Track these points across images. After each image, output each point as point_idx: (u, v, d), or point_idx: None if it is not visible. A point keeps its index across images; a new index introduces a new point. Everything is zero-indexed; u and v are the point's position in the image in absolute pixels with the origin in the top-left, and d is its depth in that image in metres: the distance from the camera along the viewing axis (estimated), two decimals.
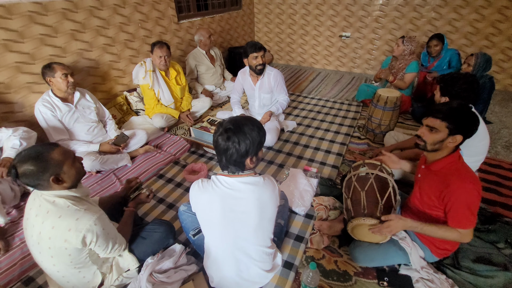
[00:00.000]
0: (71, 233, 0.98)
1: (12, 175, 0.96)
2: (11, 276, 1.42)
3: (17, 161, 0.97)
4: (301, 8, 4.42)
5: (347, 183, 1.52)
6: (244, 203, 1.06)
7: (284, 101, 2.56)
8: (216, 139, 1.04)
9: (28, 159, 0.96)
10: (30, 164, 0.96)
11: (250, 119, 1.07)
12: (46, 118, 1.95)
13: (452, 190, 1.13)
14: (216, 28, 4.02)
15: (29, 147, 1.02)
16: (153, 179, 2.12)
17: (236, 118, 1.06)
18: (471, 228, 1.14)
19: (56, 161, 1.00)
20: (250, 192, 1.06)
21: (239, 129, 1.01)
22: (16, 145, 1.58)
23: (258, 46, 2.26)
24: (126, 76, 2.86)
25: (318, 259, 1.48)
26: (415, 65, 2.78)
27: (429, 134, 1.21)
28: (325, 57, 4.66)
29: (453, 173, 1.16)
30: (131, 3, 2.70)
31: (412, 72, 2.79)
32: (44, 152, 0.99)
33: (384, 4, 3.85)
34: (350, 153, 2.40)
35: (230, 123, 1.02)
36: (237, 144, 0.99)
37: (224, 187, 1.06)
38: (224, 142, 1.00)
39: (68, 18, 2.23)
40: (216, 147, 1.05)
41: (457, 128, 1.14)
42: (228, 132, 1.00)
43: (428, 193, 1.25)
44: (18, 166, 0.96)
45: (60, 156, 1.02)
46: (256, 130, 1.03)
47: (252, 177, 1.09)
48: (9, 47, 1.93)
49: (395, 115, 2.41)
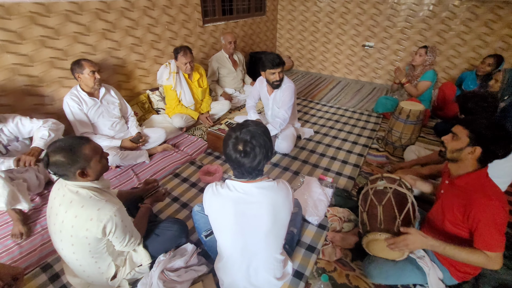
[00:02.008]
0: (93, 222, 1.02)
1: (43, 162, 1.02)
2: (31, 261, 1.48)
3: (51, 150, 1.02)
4: (325, 16, 4.41)
5: (364, 196, 1.48)
6: (257, 207, 1.05)
7: (281, 118, 2.32)
8: (230, 150, 1.01)
9: (61, 151, 1.01)
10: (61, 155, 1.01)
11: (261, 126, 1.06)
12: (73, 111, 2.04)
13: (477, 207, 1.07)
14: (239, 32, 4.09)
15: (64, 139, 1.07)
16: (169, 178, 2.16)
17: (249, 127, 1.03)
18: (500, 252, 1.05)
19: (86, 156, 1.05)
20: (263, 196, 1.05)
21: (256, 141, 0.99)
22: (45, 136, 1.67)
23: (276, 62, 2.14)
24: (150, 75, 2.95)
25: (329, 271, 1.45)
26: (431, 74, 2.71)
27: (450, 140, 1.21)
28: (347, 66, 4.61)
29: (478, 189, 1.11)
30: (160, 5, 2.80)
31: (426, 81, 2.73)
32: (76, 146, 1.04)
33: (411, 16, 3.77)
34: (368, 165, 2.35)
35: (246, 134, 1.00)
36: (253, 158, 0.99)
37: (237, 192, 1.06)
38: (239, 155, 0.99)
39: (100, 18, 2.34)
40: (229, 157, 1.02)
41: (478, 139, 1.11)
42: (246, 146, 0.98)
43: (451, 209, 1.19)
44: (51, 155, 1.01)
45: (90, 152, 1.06)
46: (268, 137, 1.04)
47: (266, 181, 1.08)
48: (46, 43, 2.05)
49: (417, 129, 2.34)
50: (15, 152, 1.72)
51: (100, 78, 2.06)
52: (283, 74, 2.26)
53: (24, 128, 1.72)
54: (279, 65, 2.17)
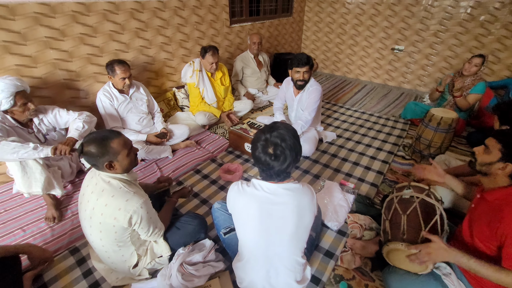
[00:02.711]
0: (121, 212, 1.07)
1: (78, 151, 1.09)
2: (61, 244, 1.58)
3: (85, 141, 1.09)
4: (353, 18, 4.30)
5: (388, 203, 1.43)
6: (283, 208, 1.05)
7: (303, 120, 2.28)
8: (259, 151, 1.00)
9: (93, 142, 1.08)
10: (93, 146, 1.07)
11: (290, 129, 1.05)
12: (105, 106, 2.16)
13: (505, 222, 1.00)
14: (264, 33, 4.10)
15: (98, 131, 1.14)
16: (190, 173, 2.22)
17: (279, 130, 1.02)
18: None
19: (114, 150, 1.10)
20: (289, 197, 1.05)
21: (286, 144, 0.99)
22: (80, 127, 1.77)
23: (302, 61, 2.13)
24: (177, 73, 3.04)
25: (347, 279, 1.41)
26: (482, 86, 2.50)
27: (482, 153, 1.16)
28: (373, 69, 4.46)
29: (509, 204, 1.03)
30: (190, 6, 2.88)
31: (477, 93, 2.52)
32: (106, 139, 1.09)
33: (447, 19, 3.58)
34: (393, 172, 2.26)
35: (277, 138, 0.99)
36: (283, 161, 0.99)
37: (264, 192, 1.06)
38: (268, 158, 0.98)
39: (134, 17, 2.46)
40: (258, 159, 1.02)
41: (510, 156, 1.03)
42: (276, 149, 0.98)
43: (479, 224, 1.12)
44: (85, 145, 1.08)
45: (118, 146, 1.11)
46: (298, 141, 1.04)
47: (292, 183, 1.08)
48: (84, 40, 2.18)
49: (448, 138, 2.21)
50: (52, 141, 1.85)
51: (130, 84, 2.15)
52: (309, 75, 2.23)
53: (61, 119, 1.84)
54: (304, 64, 2.15)
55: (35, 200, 1.89)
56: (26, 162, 1.56)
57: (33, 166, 1.58)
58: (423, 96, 3.66)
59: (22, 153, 1.49)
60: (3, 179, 2.02)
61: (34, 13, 1.87)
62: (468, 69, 2.56)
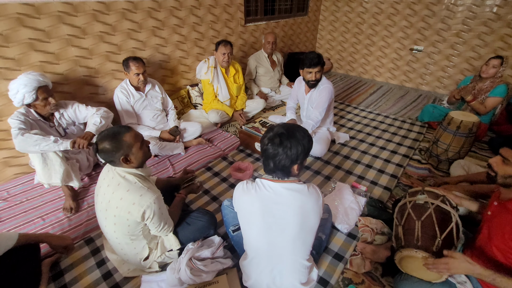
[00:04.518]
0: (135, 206, 1.10)
1: (93, 149, 1.13)
2: (77, 234, 1.65)
3: (98, 139, 1.13)
4: (371, 18, 4.21)
5: (401, 208, 1.39)
6: (285, 209, 1.05)
7: (313, 119, 2.26)
8: (265, 143, 1.04)
9: (106, 138, 1.11)
10: (107, 143, 1.10)
11: (300, 126, 1.09)
12: (122, 102, 2.22)
13: None
14: (279, 32, 4.08)
15: (109, 129, 1.17)
16: (201, 170, 2.25)
17: (288, 124, 1.09)
18: None
19: (127, 143, 1.13)
20: (292, 198, 1.04)
21: (292, 134, 1.02)
22: (97, 122, 1.84)
23: (314, 62, 2.12)
24: (191, 71, 3.09)
25: (356, 283, 1.38)
26: (503, 89, 2.38)
27: (501, 164, 1.10)
28: (390, 70, 4.35)
29: None
30: (206, 5, 2.91)
31: (496, 97, 2.40)
32: (119, 134, 1.13)
33: (470, 18, 3.43)
34: (407, 177, 2.20)
35: (282, 128, 1.04)
36: (288, 150, 1.00)
37: (266, 191, 1.07)
38: (276, 147, 1.01)
39: (151, 16, 2.51)
40: (265, 151, 1.05)
41: None
42: (281, 136, 1.01)
43: (502, 235, 1.06)
44: (99, 143, 1.11)
45: (131, 139, 1.14)
46: (306, 137, 1.05)
47: (296, 184, 1.07)
48: (104, 38, 2.25)
49: (467, 143, 2.12)
50: (71, 135, 1.92)
51: (144, 80, 2.19)
52: (320, 74, 2.21)
53: (80, 114, 1.92)
54: (316, 64, 2.13)
55: (54, 191, 1.98)
56: (47, 154, 1.63)
57: (53, 158, 1.65)
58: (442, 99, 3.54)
59: (44, 145, 1.56)
60: (26, 170, 2.12)
61: (58, 12, 1.94)
62: (486, 71, 2.45)
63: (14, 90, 1.60)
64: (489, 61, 2.44)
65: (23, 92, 1.59)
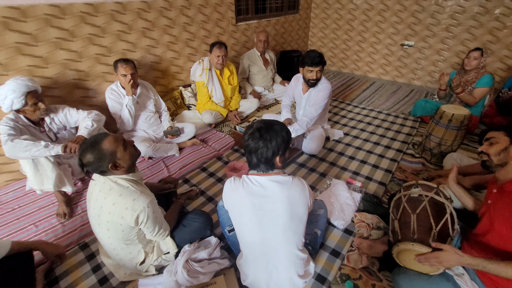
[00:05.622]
0: (128, 211, 1.09)
1: (79, 165, 1.08)
2: (72, 239, 1.63)
3: (80, 154, 1.07)
4: (361, 14, 4.23)
5: (396, 203, 1.40)
6: (273, 200, 1.07)
7: (308, 117, 2.24)
8: (246, 139, 1.09)
9: (87, 151, 1.06)
10: (89, 155, 1.06)
11: (278, 121, 1.14)
12: (113, 105, 2.19)
13: None
14: (271, 31, 4.08)
15: (86, 140, 1.12)
16: (196, 171, 2.23)
17: (266, 119, 1.14)
18: None
19: (110, 150, 1.08)
20: (278, 189, 1.07)
21: (270, 127, 1.07)
22: (89, 125, 1.81)
23: (316, 61, 2.09)
24: (184, 72, 3.06)
25: (354, 278, 1.39)
26: (488, 79, 2.44)
27: (489, 147, 1.21)
28: (382, 66, 4.38)
29: None
30: (196, 4, 2.89)
31: (483, 87, 2.46)
32: (97, 143, 1.07)
33: (459, 12, 3.47)
34: (401, 171, 2.22)
35: (261, 123, 1.10)
36: (268, 142, 1.05)
37: (253, 185, 1.09)
38: (256, 141, 1.05)
39: (141, 17, 2.48)
40: (247, 146, 1.09)
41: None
42: (260, 130, 1.06)
43: (505, 220, 1.06)
44: (82, 158, 1.07)
45: (111, 145, 1.09)
46: (284, 130, 1.10)
47: (281, 176, 1.10)
48: (93, 40, 2.22)
49: (460, 136, 2.15)
50: (63, 139, 1.89)
51: (134, 82, 2.15)
52: (321, 74, 2.21)
53: (71, 118, 1.88)
54: (318, 64, 2.12)
55: (47, 197, 1.94)
56: (38, 160, 1.60)
57: (44, 163, 1.62)
58: (434, 93, 3.58)
59: (34, 151, 1.53)
60: (17, 176, 2.08)
61: (44, 15, 1.91)
62: (468, 64, 2.53)
63: (2, 96, 1.55)
64: (469, 54, 2.52)
65: (12, 98, 1.56)
